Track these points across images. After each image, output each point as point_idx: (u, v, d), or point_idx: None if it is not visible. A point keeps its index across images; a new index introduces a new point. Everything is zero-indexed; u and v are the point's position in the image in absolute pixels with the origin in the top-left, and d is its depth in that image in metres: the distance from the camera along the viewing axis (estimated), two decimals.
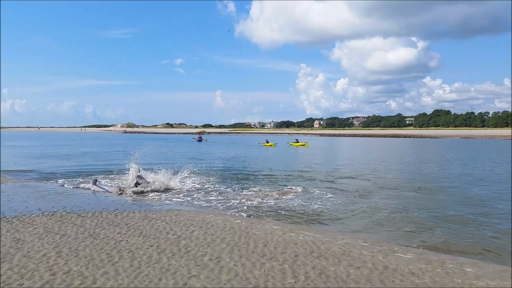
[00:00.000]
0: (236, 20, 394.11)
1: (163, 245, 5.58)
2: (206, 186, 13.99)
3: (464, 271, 4.75)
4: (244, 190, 13.01)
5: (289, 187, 13.83)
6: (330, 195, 12.24)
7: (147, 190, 12.55)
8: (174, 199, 11.40)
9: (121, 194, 11.76)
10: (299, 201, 11.18)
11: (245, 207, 10.24)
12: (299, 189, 13.39)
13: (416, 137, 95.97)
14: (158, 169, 14.70)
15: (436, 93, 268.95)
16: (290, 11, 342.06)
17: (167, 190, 12.91)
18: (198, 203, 10.85)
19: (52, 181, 15.04)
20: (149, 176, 14.09)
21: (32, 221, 7.00)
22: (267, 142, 50.26)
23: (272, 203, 10.74)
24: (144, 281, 4.19)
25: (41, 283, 4.09)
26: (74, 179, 15.51)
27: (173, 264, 4.75)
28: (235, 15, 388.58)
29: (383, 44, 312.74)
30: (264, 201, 11.10)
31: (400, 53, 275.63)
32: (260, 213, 9.53)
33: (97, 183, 12.93)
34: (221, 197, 11.71)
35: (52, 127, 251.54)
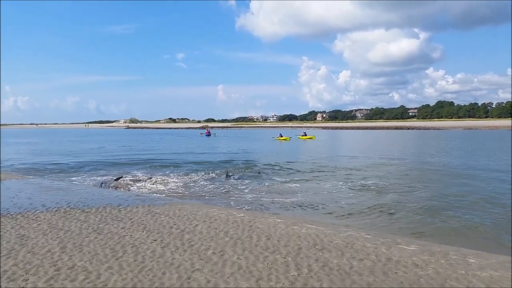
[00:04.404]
0: (236, 13, 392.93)
1: (167, 239, 5.60)
2: (211, 180, 14.01)
3: (468, 262, 4.74)
4: (250, 183, 13.02)
5: (294, 179, 13.83)
6: (335, 188, 12.24)
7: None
8: (178, 193, 11.43)
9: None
10: (303, 194, 11.18)
11: (249, 201, 10.26)
12: (304, 182, 13.39)
13: (420, 129, 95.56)
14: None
15: (439, 84, 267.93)
16: (290, 3, 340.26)
17: (172, 183, 12.94)
18: (202, 196, 10.87)
19: (59, 177, 15.12)
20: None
21: (37, 217, 7.03)
22: (281, 136, 49.85)
23: (276, 196, 10.75)
24: (148, 275, 4.21)
25: (46, 278, 4.12)
26: (87, 176, 15.59)
27: (177, 258, 4.77)
28: (236, 9, 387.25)
29: (385, 35, 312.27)
30: (268, 194, 11.11)
31: (402, 45, 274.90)
32: (264, 207, 9.55)
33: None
34: (225, 191, 11.73)
35: (55, 124, 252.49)
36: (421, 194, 11.13)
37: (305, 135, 52.64)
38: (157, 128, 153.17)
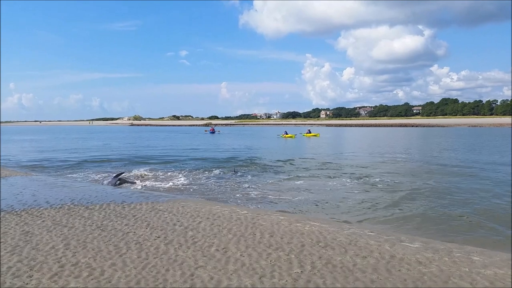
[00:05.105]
0: (240, 11, 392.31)
1: (170, 236, 5.62)
2: (216, 176, 14.03)
3: (472, 259, 4.72)
4: (254, 180, 13.03)
5: (299, 176, 13.83)
6: (340, 185, 12.21)
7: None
8: (182, 190, 11.45)
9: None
10: (308, 191, 11.17)
11: (253, 197, 10.26)
12: (309, 179, 13.38)
13: (424, 126, 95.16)
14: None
15: (444, 82, 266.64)
16: (293, 0, 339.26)
17: (176, 181, 12.97)
18: (206, 193, 10.88)
19: (63, 174, 15.19)
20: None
21: (41, 214, 7.07)
22: (286, 134, 50.03)
23: (280, 193, 10.74)
24: (152, 272, 4.22)
25: (50, 275, 4.14)
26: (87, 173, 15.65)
27: (180, 255, 4.78)
28: (239, 6, 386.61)
29: (389, 32, 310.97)
30: (272, 191, 11.11)
31: (406, 42, 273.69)
32: (268, 204, 9.55)
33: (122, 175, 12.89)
34: (229, 188, 11.74)
35: (59, 121, 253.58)
36: (424, 192, 11.07)
37: (310, 132, 52.83)
38: (161, 125, 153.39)
